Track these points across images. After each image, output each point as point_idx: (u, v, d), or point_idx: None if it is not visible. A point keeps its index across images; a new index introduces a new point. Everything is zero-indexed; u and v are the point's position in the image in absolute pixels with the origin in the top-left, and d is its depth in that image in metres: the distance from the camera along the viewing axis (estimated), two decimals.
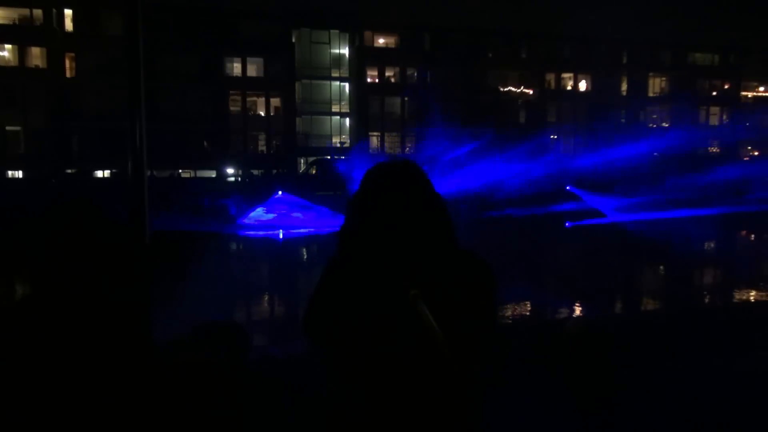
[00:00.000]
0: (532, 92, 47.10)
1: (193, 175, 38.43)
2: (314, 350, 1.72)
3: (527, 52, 47.22)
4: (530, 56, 47.01)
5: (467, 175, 32.64)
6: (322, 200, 26.05)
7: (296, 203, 26.27)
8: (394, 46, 45.40)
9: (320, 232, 21.35)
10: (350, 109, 44.97)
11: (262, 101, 42.25)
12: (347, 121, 45.34)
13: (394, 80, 45.41)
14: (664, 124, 50.12)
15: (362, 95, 43.92)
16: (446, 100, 43.68)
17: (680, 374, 4.76)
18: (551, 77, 48.04)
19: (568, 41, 47.99)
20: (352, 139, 44.80)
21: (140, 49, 3.32)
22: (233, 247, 22.63)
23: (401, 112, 45.32)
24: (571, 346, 4.79)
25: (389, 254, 1.59)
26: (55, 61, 37.32)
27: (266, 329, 10.85)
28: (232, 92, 41.00)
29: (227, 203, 26.21)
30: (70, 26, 38.05)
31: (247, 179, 37.43)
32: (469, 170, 33.66)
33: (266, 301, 13.66)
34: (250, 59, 41.04)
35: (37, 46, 37.19)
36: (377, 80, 44.67)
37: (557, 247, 23.41)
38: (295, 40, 42.44)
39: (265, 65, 41.31)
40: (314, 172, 35.99)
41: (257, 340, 9.18)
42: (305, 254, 20.98)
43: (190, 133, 38.99)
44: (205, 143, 40.42)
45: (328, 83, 44.46)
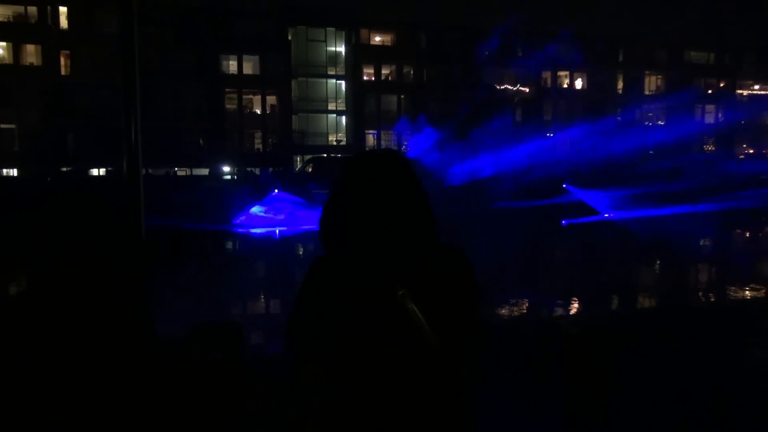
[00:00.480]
0: (528, 90, 47.14)
1: (189, 173, 38.37)
2: (296, 361, 1.65)
3: (523, 50, 47.26)
4: (526, 54, 47.04)
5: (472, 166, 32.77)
6: (318, 198, 26.02)
7: (293, 201, 26.25)
8: (390, 44, 45.39)
9: (317, 229, 21.28)
10: (346, 106, 44.95)
11: (258, 99, 42.20)
12: (343, 118, 45.32)
13: (390, 78, 45.39)
14: (659, 122, 50.26)
15: (358, 93, 43.90)
16: (442, 98, 43.78)
17: (677, 371, 4.78)
18: (547, 75, 48.09)
19: (564, 39, 48.02)
20: (348, 137, 44.79)
21: (135, 46, 3.31)
22: (230, 244, 22.61)
23: (397, 109, 45.31)
24: (567, 343, 4.81)
25: (376, 252, 1.55)
26: (49, 58, 37.18)
27: (263, 328, 10.86)
28: (228, 90, 40.93)
29: (225, 201, 26.21)
30: (64, 23, 37.91)
31: (242, 177, 37.38)
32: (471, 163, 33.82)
33: (263, 299, 13.65)
34: (246, 57, 40.98)
35: (31, 43, 37.05)
36: (373, 78, 44.65)
37: (554, 244, 23.46)
38: (291, 37, 42.40)
39: (261, 63, 41.24)
40: (310, 170, 35.97)
41: (254, 338, 9.18)
42: (301, 252, 20.98)
43: (185, 131, 38.92)
44: (201, 141, 40.34)
45: (324, 81, 44.42)
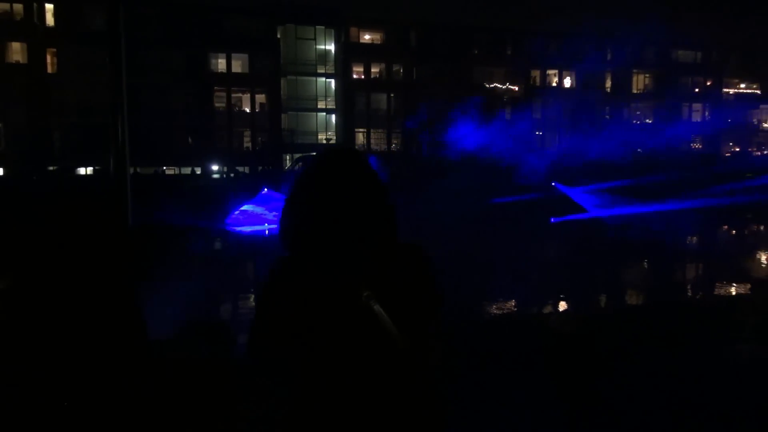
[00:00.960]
0: (517, 89, 47.31)
1: (177, 171, 38.15)
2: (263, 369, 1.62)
3: (512, 48, 47.43)
4: (515, 53, 47.22)
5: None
6: None
7: (282, 200, 26.18)
8: (380, 42, 45.36)
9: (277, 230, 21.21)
10: (336, 105, 44.87)
11: (247, 97, 42.02)
12: (333, 117, 45.25)
13: (380, 76, 45.38)
14: (647, 120, 50.63)
15: (348, 91, 43.85)
16: (432, 96, 43.81)
17: (665, 366, 4.83)
18: (536, 74, 48.29)
19: (553, 38, 48.25)
20: (338, 135, 44.72)
21: (122, 44, 3.29)
22: (219, 243, 22.54)
23: (387, 108, 45.31)
24: (556, 341, 4.84)
25: (339, 251, 1.52)
26: (36, 56, 36.79)
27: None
28: (217, 88, 40.72)
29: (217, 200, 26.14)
30: (51, 21, 37.51)
31: (232, 176, 37.24)
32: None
33: (251, 298, 13.63)
34: (235, 55, 40.78)
35: (17, 41, 36.63)
36: (363, 76, 44.61)
37: (543, 242, 23.58)
38: (280, 35, 42.26)
39: (250, 61, 41.07)
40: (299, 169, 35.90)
41: (242, 338, 9.16)
42: None
43: (174, 129, 38.68)
44: (189, 140, 40.12)
45: (314, 79, 44.31)
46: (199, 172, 38.13)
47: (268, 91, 41.68)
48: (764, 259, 20.02)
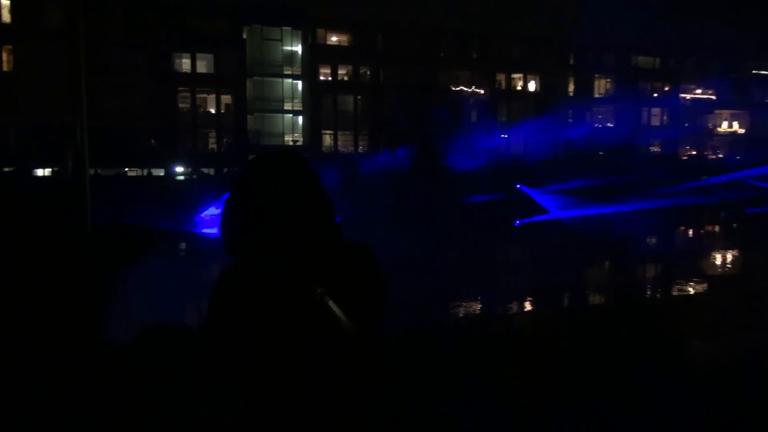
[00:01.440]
0: (483, 92, 47.89)
1: (140, 173, 37.39)
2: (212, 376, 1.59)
3: (478, 52, 48.00)
4: (481, 57, 47.79)
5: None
6: None
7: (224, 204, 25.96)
8: (347, 44, 45.36)
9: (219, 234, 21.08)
10: (303, 107, 44.66)
11: (212, 98, 41.47)
12: (300, 119, 45.02)
13: (347, 78, 45.37)
14: (609, 123, 51.86)
15: (315, 93, 43.70)
16: (399, 98, 44.03)
17: (626, 362, 4.97)
18: (502, 77, 48.96)
19: (517, 42, 49.01)
20: (305, 137, 44.52)
21: (82, 42, 3.24)
22: (185, 245, 22.22)
23: (354, 110, 45.32)
24: (518, 339, 4.95)
25: (286, 253, 1.53)
26: None
27: None
28: (181, 89, 40.06)
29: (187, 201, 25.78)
30: (7, 18, 36.34)
31: (196, 177, 36.71)
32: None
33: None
34: (199, 55, 40.21)
35: None
36: (330, 78, 44.53)
37: (508, 243, 23.93)
38: (246, 36, 41.85)
39: (215, 61, 40.55)
40: None
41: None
42: None
43: (137, 130, 37.91)
44: (152, 141, 39.37)
45: (280, 80, 44.02)
46: (162, 173, 37.46)
47: (233, 91, 41.23)
48: (719, 258, 20.74)
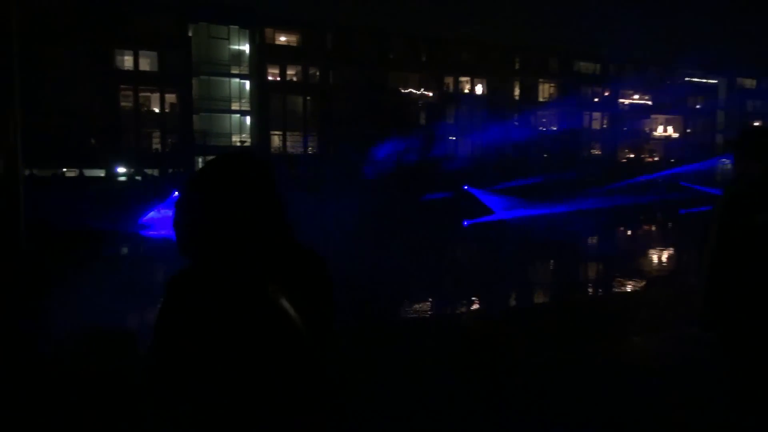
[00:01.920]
0: (431, 94, 48.44)
1: (78, 174, 35.97)
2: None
3: (427, 55, 48.51)
4: (430, 59, 48.33)
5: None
6: None
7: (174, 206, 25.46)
8: (295, 44, 44.96)
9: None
10: (251, 107, 44.01)
11: (156, 97, 40.30)
12: (248, 119, 44.34)
13: (296, 79, 45.00)
14: (553, 127, 53.42)
15: (263, 93, 43.13)
16: (348, 100, 44.02)
17: (568, 358, 5.12)
18: (450, 80, 49.65)
19: (465, 46, 49.82)
20: (253, 138, 43.89)
21: (14, 36, 3.10)
22: (129, 247, 21.54)
23: (304, 111, 45.00)
24: (464, 338, 5.03)
25: (239, 255, 1.51)
26: None
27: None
28: (123, 87, 38.76)
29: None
30: None
31: (139, 178, 35.63)
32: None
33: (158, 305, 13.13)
34: (143, 52, 39.01)
35: None
36: (279, 78, 44.06)
37: (456, 244, 24.28)
38: (192, 34, 40.87)
39: (159, 59, 39.42)
40: None
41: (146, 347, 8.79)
42: None
43: (76, 129, 36.42)
44: (92, 140, 37.95)
45: (227, 80, 43.23)
46: (103, 174, 36.17)
47: (178, 90, 40.19)
48: (655, 257, 21.66)
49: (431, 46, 48.59)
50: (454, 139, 49.03)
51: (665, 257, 21.08)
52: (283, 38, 44.93)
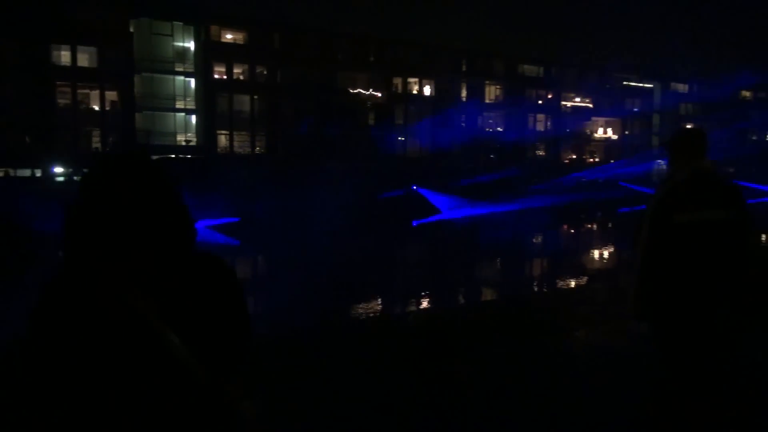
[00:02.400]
0: (380, 95, 48.60)
1: (13, 173, 34.22)
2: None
3: (375, 56, 48.64)
4: (378, 60, 48.48)
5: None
6: None
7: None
8: (242, 42, 44.21)
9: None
10: (196, 105, 42.99)
11: (96, 94, 38.80)
12: (193, 118, 43.29)
13: (243, 78, 44.27)
14: (499, 128, 54.55)
15: (209, 92, 42.20)
16: (297, 99, 43.65)
17: (511, 353, 5.26)
18: (398, 81, 49.94)
19: (413, 47, 50.24)
20: (198, 137, 42.90)
21: None
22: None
23: (251, 110, 44.32)
24: (411, 336, 5.11)
25: (126, 267, 1.33)
26: None
27: None
28: (60, 83, 37.11)
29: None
30: None
31: (78, 179, 34.21)
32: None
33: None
34: (81, 48, 37.46)
35: None
36: (225, 77, 43.23)
37: (405, 243, 24.45)
38: (133, 29, 39.56)
39: (99, 55, 37.95)
40: None
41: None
42: None
43: (7, 126, 34.65)
44: (27, 139, 36.20)
45: (171, 78, 42.07)
46: (39, 174, 34.55)
47: (119, 88, 38.82)
48: (596, 254, 22.44)
49: (379, 46, 48.77)
50: (402, 139, 49.37)
51: (605, 254, 21.89)
52: (229, 36, 44.11)
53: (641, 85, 62.74)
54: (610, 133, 61.86)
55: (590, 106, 59.64)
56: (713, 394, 3.11)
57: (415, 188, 32.68)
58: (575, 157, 58.14)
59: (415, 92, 51.09)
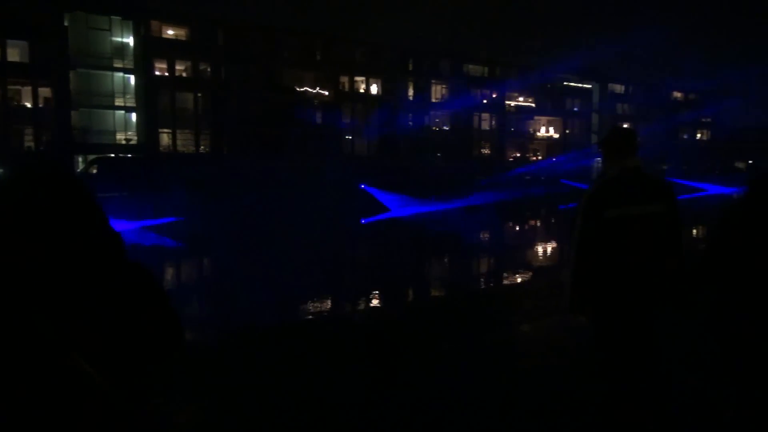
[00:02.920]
0: (327, 93, 48.36)
1: None
2: None
3: (322, 54, 48.36)
4: (325, 58, 48.22)
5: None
6: (104, 203, 23.77)
7: None
8: (185, 38, 43.07)
9: None
10: (137, 103, 41.60)
11: (28, 90, 36.99)
12: (134, 116, 41.88)
13: (185, 75, 43.13)
14: (445, 127, 55.24)
15: (150, 89, 40.91)
16: (242, 97, 42.88)
17: (460, 348, 5.36)
18: (345, 80, 49.82)
19: (360, 46, 50.23)
20: (140, 136, 41.55)
21: None
22: None
23: (195, 108, 43.26)
24: (362, 336, 5.13)
25: (21, 281, 1.28)
26: None
27: None
28: None
29: None
30: None
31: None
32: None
33: None
34: (11, 42, 35.63)
35: None
36: (167, 73, 42.00)
37: (354, 242, 24.43)
38: (68, 23, 37.91)
39: (30, 50, 36.18)
40: (95, 171, 32.74)
41: None
42: None
43: None
44: None
45: (110, 74, 40.55)
46: None
47: (53, 84, 37.15)
48: (541, 250, 23.06)
49: (326, 45, 48.51)
50: (350, 138, 49.31)
51: (547, 250, 22.54)
52: (170, 32, 42.88)
53: (581, 85, 64.87)
54: (552, 131, 63.66)
55: (533, 105, 61.19)
56: (647, 382, 3.26)
57: (363, 186, 32.72)
58: (519, 155, 59.55)
59: (362, 91, 51.10)
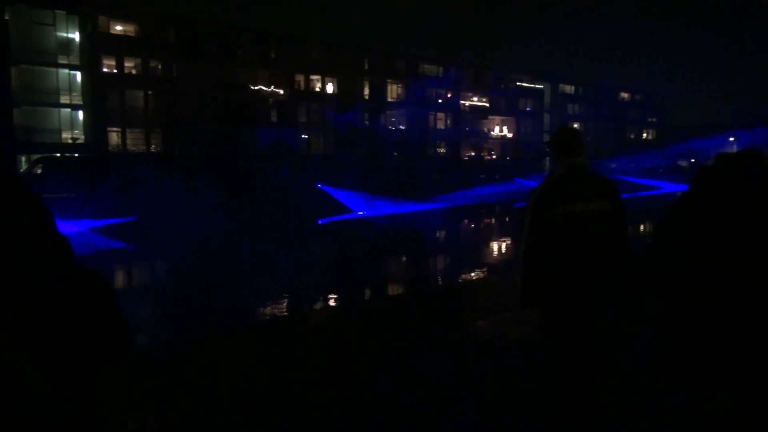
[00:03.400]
0: (282, 92, 47.91)
1: None
2: None
3: (276, 52, 47.85)
4: (280, 57, 47.73)
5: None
6: (50, 204, 22.95)
7: None
8: (134, 34, 41.88)
9: None
10: (84, 101, 40.22)
11: None
12: (80, 114, 40.49)
13: (135, 72, 41.95)
14: (401, 126, 55.51)
15: (98, 86, 39.61)
16: (195, 96, 42.01)
17: (415, 346, 5.41)
18: (301, 78, 49.44)
19: (315, 45, 49.93)
20: (87, 134, 40.20)
21: None
22: None
23: (145, 106, 42.13)
24: (314, 335, 5.12)
25: None
26: None
27: None
28: None
29: None
30: None
31: None
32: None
33: None
34: None
35: None
36: (115, 70, 40.76)
37: (310, 242, 24.31)
38: (9, 17, 36.34)
39: None
40: (40, 171, 31.52)
41: None
42: None
43: None
44: None
45: (54, 70, 39.06)
46: None
47: None
48: (496, 248, 23.47)
49: (281, 43, 48.03)
50: (306, 137, 48.99)
51: (503, 247, 22.94)
52: (119, 27, 41.62)
53: (533, 86, 66.27)
54: (505, 131, 64.80)
55: (487, 105, 62.14)
56: (596, 374, 3.36)
57: (319, 186, 32.58)
58: (474, 154, 60.39)
59: (317, 90, 50.83)
